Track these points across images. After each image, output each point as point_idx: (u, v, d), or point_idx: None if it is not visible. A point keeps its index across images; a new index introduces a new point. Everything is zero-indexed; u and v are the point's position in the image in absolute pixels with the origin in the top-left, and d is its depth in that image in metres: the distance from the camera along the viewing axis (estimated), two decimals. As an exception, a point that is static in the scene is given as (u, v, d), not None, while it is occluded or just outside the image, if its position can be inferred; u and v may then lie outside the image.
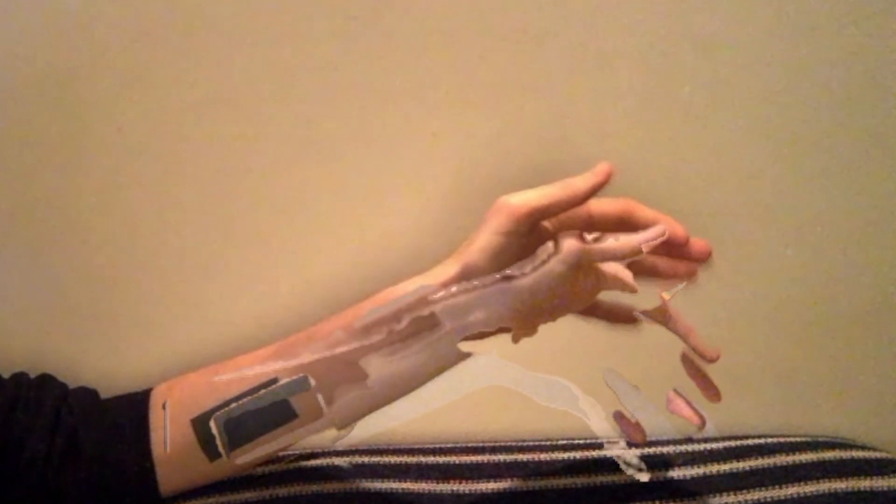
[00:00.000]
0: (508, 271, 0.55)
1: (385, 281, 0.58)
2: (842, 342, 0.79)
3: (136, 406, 0.61)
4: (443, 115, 0.72)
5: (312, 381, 0.57)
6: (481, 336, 0.58)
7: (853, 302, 0.78)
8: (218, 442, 0.58)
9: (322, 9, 0.70)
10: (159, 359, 0.74)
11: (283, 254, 0.75)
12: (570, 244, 0.55)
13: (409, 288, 0.56)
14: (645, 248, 0.56)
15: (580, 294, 0.58)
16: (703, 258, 0.59)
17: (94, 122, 0.71)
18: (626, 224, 0.58)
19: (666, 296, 0.59)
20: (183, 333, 0.75)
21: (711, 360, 0.59)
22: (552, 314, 0.58)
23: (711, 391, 0.60)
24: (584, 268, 0.56)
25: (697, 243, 0.59)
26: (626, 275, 0.58)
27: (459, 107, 0.72)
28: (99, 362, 0.74)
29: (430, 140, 0.73)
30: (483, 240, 0.55)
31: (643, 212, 0.58)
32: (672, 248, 0.58)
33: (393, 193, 0.74)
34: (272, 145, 0.72)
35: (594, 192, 0.56)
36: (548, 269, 0.54)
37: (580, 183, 0.56)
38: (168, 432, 0.59)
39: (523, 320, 0.57)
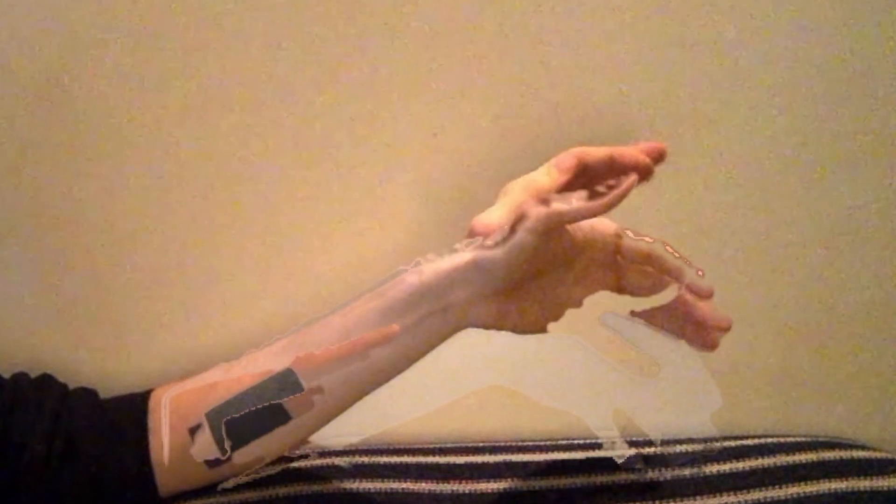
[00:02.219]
0: (477, 243, 0.55)
1: (385, 281, 0.59)
2: (842, 342, 0.79)
3: (135, 408, 0.61)
4: (443, 115, 0.72)
5: (300, 377, 0.57)
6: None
7: (853, 302, 0.78)
8: (215, 450, 0.58)
9: (322, 9, 0.70)
10: (159, 358, 0.74)
11: (284, 253, 0.75)
12: (536, 212, 0.54)
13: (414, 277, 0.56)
14: (617, 204, 0.54)
15: (562, 261, 0.57)
16: (660, 159, 0.59)
17: (94, 122, 0.71)
18: (583, 172, 0.58)
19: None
20: (183, 333, 0.75)
21: (708, 296, 0.58)
22: (542, 287, 0.58)
23: (711, 328, 0.59)
24: (558, 232, 0.55)
25: (650, 149, 0.58)
26: (606, 225, 0.57)
27: (459, 107, 0.72)
28: (99, 362, 0.74)
29: (430, 140, 0.73)
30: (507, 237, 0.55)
31: (594, 154, 0.57)
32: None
33: (393, 193, 0.74)
34: (272, 146, 0.72)
35: (615, 204, 0.55)
36: (517, 241, 0.54)
37: (603, 199, 0.54)
38: (166, 439, 0.59)
39: (510, 296, 0.56)
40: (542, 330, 0.60)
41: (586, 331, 0.65)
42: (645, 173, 0.57)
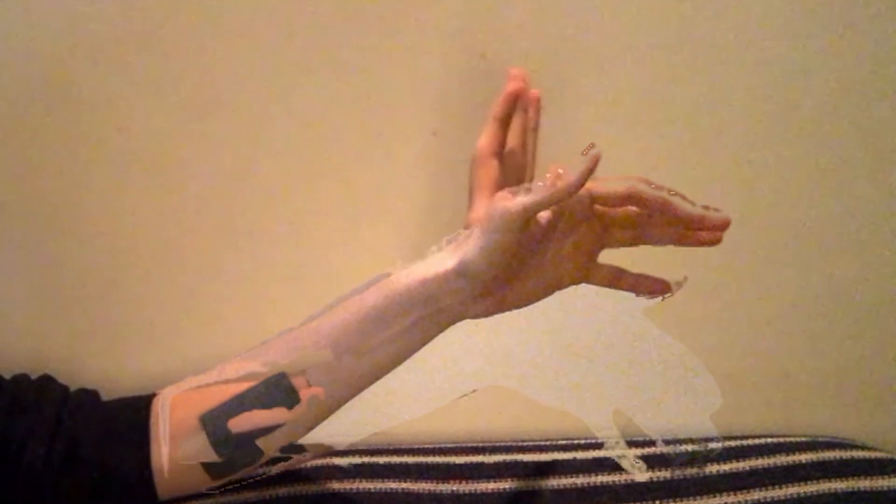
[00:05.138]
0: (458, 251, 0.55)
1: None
2: (842, 342, 0.79)
3: (137, 413, 0.61)
4: (443, 115, 0.72)
5: (293, 380, 0.57)
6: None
7: (853, 302, 0.78)
8: (212, 453, 0.58)
9: (322, 9, 0.70)
10: (160, 359, 0.74)
11: (284, 254, 0.75)
12: (501, 211, 0.52)
13: (404, 278, 0.56)
14: (584, 182, 0.52)
15: (543, 237, 0.56)
16: (521, 78, 0.65)
17: (94, 122, 0.71)
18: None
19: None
20: (184, 333, 0.75)
21: (700, 223, 0.55)
22: (530, 264, 0.57)
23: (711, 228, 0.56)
24: (531, 221, 0.54)
25: (511, 85, 0.65)
26: (580, 199, 0.55)
27: (459, 107, 0.72)
28: (100, 363, 0.74)
29: (430, 140, 0.73)
30: (481, 239, 0.54)
31: (489, 142, 0.63)
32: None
33: (393, 193, 0.74)
34: (272, 146, 0.72)
35: (585, 181, 0.53)
36: (493, 244, 0.53)
37: (571, 177, 0.52)
38: (165, 446, 0.59)
39: (501, 286, 0.56)
40: (551, 293, 0.59)
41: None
42: (531, 103, 0.65)
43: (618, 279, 0.59)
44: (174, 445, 0.59)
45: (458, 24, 0.70)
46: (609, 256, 0.59)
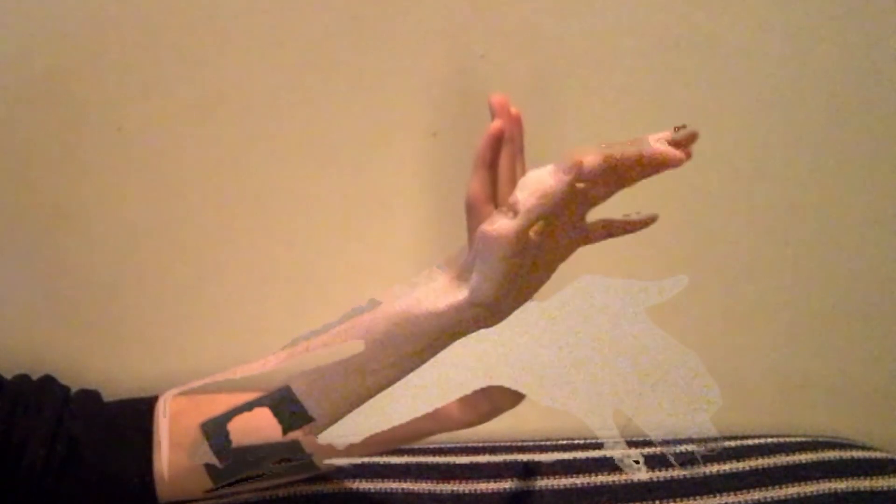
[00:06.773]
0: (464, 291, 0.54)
1: (385, 284, 0.58)
2: (842, 342, 0.79)
3: (140, 416, 0.61)
4: (443, 115, 0.72)
5: (297, 393, 0.57)
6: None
7: (853, 302, 0.78)
8: (224, 471, 0.58)
9: (322, 8, 0.70)
10: (161, 360, 0.74)
11: (285, 255, 0.75)
12: (498, 241, 0.51)
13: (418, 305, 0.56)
14: (571, 193, 0.51)
15: (537, 247, 0.55)
16: (501, 108, 0.58)
17: (94, 122, 0.71)
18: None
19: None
20: (184, 334, 0.75)
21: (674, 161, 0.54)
22: (530, 267, 0.56)
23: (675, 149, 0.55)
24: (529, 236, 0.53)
25: (497, 120, 0.57)
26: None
27: (459, 107, 0.72)
28: (101, 363, 0.74)
29: (430, 140, 0.73)
30: (484, 269, 0.53)
31: (478, 179, 0.57)
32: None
33: (393, 194, 0.74)
34: (272, 146, 0.72)
35: (572, 190, 0.52)
36: (499, 272, 0.52)
37: (554, 185, 0.51)
38: (166, 451, 0.59)
39: (510, 306, 0.56)
40: (555, 270, 0.58)
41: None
42: (515, 128, 0.58)
43: (611, 230, 0.58)
44: (175, 451, 0.59)
45: (458, 25, 0.70)
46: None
